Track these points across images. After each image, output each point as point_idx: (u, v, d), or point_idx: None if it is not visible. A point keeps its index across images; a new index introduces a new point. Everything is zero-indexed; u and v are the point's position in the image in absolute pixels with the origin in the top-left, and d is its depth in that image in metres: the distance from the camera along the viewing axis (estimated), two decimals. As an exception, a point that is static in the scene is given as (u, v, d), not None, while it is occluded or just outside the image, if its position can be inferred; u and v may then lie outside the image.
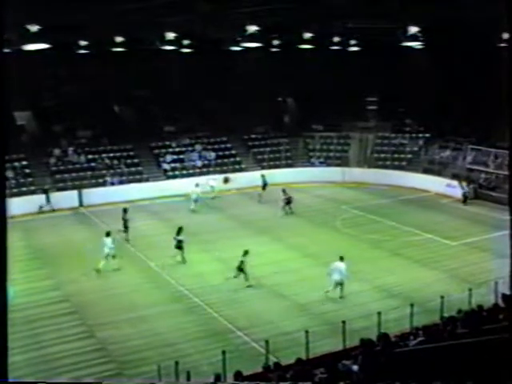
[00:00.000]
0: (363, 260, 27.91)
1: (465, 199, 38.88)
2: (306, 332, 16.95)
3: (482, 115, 41.17)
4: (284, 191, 37.30)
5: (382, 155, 47.35)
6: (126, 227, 31.82)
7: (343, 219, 35.49)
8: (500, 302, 15.50)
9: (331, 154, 48.34)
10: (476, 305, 15.72)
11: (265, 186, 40.48)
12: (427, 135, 46.89)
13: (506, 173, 38.67)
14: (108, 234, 27.89)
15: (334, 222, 34.84)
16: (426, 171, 44.27)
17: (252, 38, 34.30)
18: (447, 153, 44.67)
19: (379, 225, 34.40)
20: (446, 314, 16.22)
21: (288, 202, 36.85)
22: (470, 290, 20.14)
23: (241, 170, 46.30)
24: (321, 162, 47.92)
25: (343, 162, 47.64)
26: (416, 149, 46.78)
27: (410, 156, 46.61)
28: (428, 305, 20.71)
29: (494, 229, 32.83)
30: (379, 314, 18.02)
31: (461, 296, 20.02)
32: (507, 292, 15.30)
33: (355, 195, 42.04)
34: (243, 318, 22.01)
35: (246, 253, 25.05)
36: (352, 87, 45.96)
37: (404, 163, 46.14)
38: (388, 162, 46.52)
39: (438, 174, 43.27)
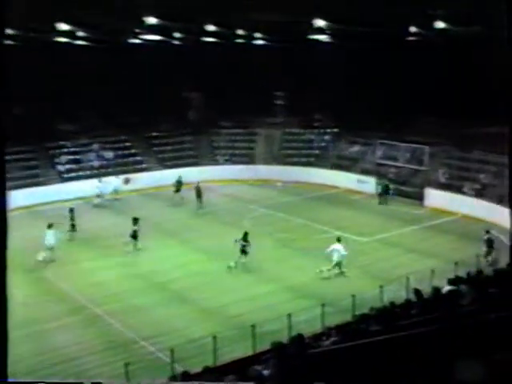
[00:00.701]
0: (273, 260, 27.42)
1: (380, 195, 38.33)
2: (214, 338, 16.36)
3: (391, 110, 41.15)
4: (197, 187, 37.10)
5: (290, 151, 46.79)
6: (73, 226, 31.55)
7: (252, 218, 34.58)
8: (412, 296, 15.20)
9: (237, 152, 47.32)
10: (388, 301, 15.25)
11: (179, 186, 38.84)
12: (336, 130, 46.74)
13: (416, 167, 38.88)
14: (50, 226, 27.89)
15: (243, 221, 33.79)
16: (335, 167, 43.95)
17: (152, 30, 32.74)
18: (356, 148, 44.64)
19: (289, 223, 33.81)
20: (358, 312, 15.68)
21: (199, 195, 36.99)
22: (382, 286, 20.05)
23: (142, 169, 44.44)
24: (226, 160, 46.86)
25: (250, 159, 46.80)
26: (324, 144, 46.58)
27: (318, 152, 46.32)
28: (340, 304, 20.28)
29: (405, 223, 33.20)
30: (289, 315, 17.66)
31: (373, 293, 19.76)
32: (418, 287, 15.48)
33: (263, 193, 41.26)
34: (147, 327, 20.97)
35: (245, 235, 25.83)
36: (260, 82, 45.05)
37: (312, 159, 45.74)
38: (296, 159, 45.89)
39: (348, 169, 43.08)
